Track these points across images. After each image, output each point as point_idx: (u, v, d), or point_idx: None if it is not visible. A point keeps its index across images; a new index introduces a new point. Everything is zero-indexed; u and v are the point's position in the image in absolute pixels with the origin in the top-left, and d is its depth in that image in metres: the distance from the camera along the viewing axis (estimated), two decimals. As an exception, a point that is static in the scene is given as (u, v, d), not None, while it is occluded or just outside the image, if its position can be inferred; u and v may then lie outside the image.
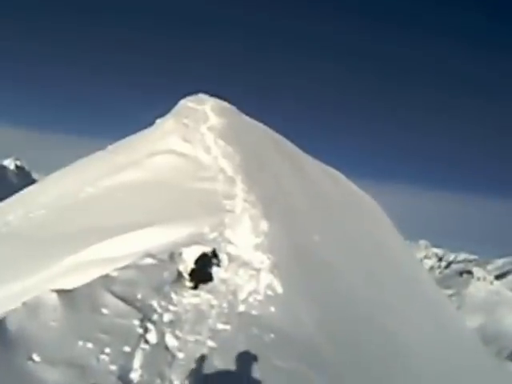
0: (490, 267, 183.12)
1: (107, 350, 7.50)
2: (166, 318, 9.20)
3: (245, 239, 13.42)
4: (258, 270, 12.05)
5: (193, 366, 7.95)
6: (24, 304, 7.87)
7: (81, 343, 7.45)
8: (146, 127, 25.67)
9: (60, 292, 8.31)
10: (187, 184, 17.56)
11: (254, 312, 10.30)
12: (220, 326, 9.42)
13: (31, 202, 21.21)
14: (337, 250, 18.60)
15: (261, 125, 28.80)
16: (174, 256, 11.61)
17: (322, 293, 13.59)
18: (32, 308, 7.80)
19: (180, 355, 8.17)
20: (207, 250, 12.04)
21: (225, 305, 10.34)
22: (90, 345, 7.47)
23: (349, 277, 17.07)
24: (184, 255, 11.89)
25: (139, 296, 9.34)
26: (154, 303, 9.42)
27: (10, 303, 8.61)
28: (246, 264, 12.27)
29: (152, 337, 8.37)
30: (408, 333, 16.95)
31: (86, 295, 8.60)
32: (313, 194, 23.95)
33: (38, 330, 7.42)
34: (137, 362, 7.60)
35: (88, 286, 8.94)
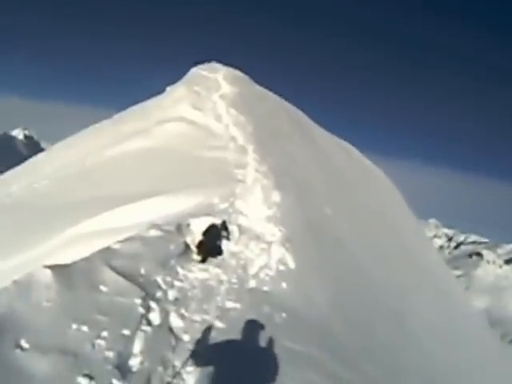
0: (500, 251, 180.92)
1: (104, 334, 6.56)
2: (171, 295, 8.24)
3: (256, 210, 12.58)
4: (270, 243, 11.19)
5: (199, 349, 6.98)
6: (14, 282, 6.92)
7: (75, 326, 6.52)
8: (155, 95, 24.42)
9: (55, 268, 7.36)
10: (197, 152, 16.65)
11: (265, 288, 9.43)
12: (229, 304, 8.49)
13: (35, 172, 20.31)
14: (349, 225, 17.94)
15: (273, 95, 27.65)
16: (181, 227, 10.70)
17: (334, 269, 12.88)
18: (23, 287, 6.85)
19: (185, 337, 7.21)
20: (217, 221, 11.10)
21: (234, 280, 9.44)
22: (85, 328, 6.54)
23: (360, 254, 16.43)
24: (192, 227, 10.97)
25: (142, 271, 8.40)
26: (159, 279, 8.48)
27: (2, 280, 7.69)
28: (257, 237, 11.41)
29: (155, 317, 7.42)
30: (418, 315, 16.47)
31: (83, 271, 7.65)
32: (326, 166, 23.12)
33: (29, 312, 6.49)
34: (137, 347, 6.66)
35: (86, 260, 8.00)
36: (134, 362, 6.40)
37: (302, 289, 10.05)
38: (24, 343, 6.00)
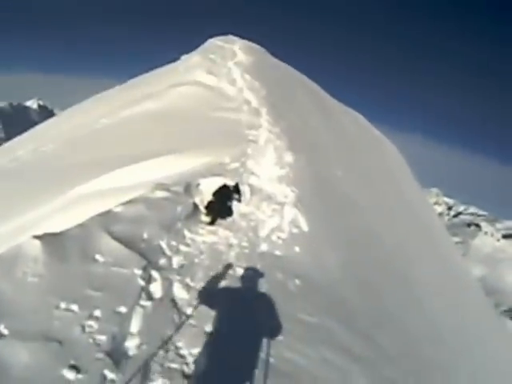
0: (499, 226, 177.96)
1: (97, 313, 5.12)
2: (176, 262, 6.79)
3: (268, 171, 11.32)
4: (282, 204, 9.94)
5: (205, 326, 5.57)
6: (-1, 257, 5.48)
7: (64, 306, 5.09)
8: (170, 63, 22.79)
9: (44, 237, 5.87)
10: (210, 114, 15.26)
11: (277, 252, 8.17)
12: (239, 271, 7.05)
13: (42, 136, 18.90)
14: (358, 187, 16.81)
15: (288, 66, 26.05)
16: (189, 188, 9.29)
17: (345, 231, 11.75)
18: (7, 262, 5.37)
19: (190, 312, 5.78)
20: (228, 182, 9.67)
21: (245, 243, 8.12)
22: (75, 307, 5.10)
23: (370, 214, 15.28)
24: (201, 187, 9.57)
25: (145, 235, 6.95)
26: (163, 244, 7.03)
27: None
28: (269, 197, 10.15)
29: (156, 289, 5.96)
30: (424, 279, 15.47)
31: (78, 239, 6.16)
32: (336, 131, 21.75)
33: (12, 293, 5.05)
34: (134, 327, 5.22)
35: (82, 226, 6.51)
36: (131, 345, 4.98)
37: (315, 252, 8.84)
38: (3, 329, 4.60)
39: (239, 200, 9.44)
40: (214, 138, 12.95)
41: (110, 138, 15.32)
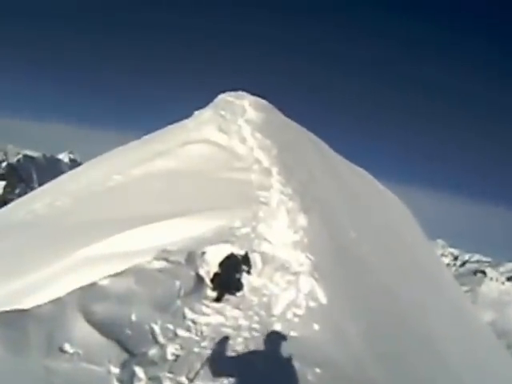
0: (502, 269, 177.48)
1: None
2: (170, 352, 5.31)
3: (281, 235, 10.06)
4: (297, 274, 8.64)
5: None
6: None
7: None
8: (184, 119, 21.68)
9: (4, 317, 4.41)
10: (220, 174, 14.15)
11: (293, 333, 6.83)
12: (248, 360, 5.56)
13: (59, 190, 17.74)
14: (372, 247, 15.47)
15: (297, 124, 24.97)
16: (193, 257, 7.97)
17: (364, 297, 10.55)
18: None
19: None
20: (237, 251, 8.26)
21: (256, 325, 6.83)
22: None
23: (385, 276, 14.01)
24: (207, 255, 8.15)
25: (133, 317, 5.52)
26: (156, 328, 5.60)
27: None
28: (283, 266, 8.87)
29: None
30: (444, 335, 14.27)
31: (46, 321, 4.81)
32: (345, 189, 20.58)
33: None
34: None
35: (55, 304, 5.14)
36: None
37: (335, 327, 7.68)
38: None
39: (249, 271, 8.04)
40: (225, 200, 11.82)
41: (122, 197, 14.27)
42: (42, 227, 13.83)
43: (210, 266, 7.80)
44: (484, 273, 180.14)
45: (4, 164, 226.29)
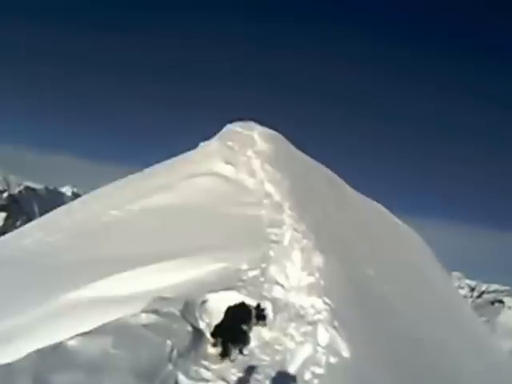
0: None
1: None
2: None
3: (295, 278, 8.99)
4: (315, 324, 7.50)
5: None
6: None
7: None
8: (188, 150, 20.41)
9: None
10: (227, 209, 13.06)
11: None
12: None
13: (52, 225, 16.55)
14: (391, 286, 14.30)
15: (307, 156, 23.74)
16: (191, 307, 6.71)
17: (389, 345, 9.50)
18: None
19: None
20: (244, 298, 7.12)
21: None
22: None
23: (408, 318, 13.01)
24: (209, 305, 6.95)
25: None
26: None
27: None
28: (298, 315, 7.77)
29: None
30: (471, 375, 13.43)
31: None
32: (359, 224, 19.34)
33: None
34: None
35: (3, 372, 3.87)
36: None
37: None
38: None
39: (259, 322, 6.89)
40: (231, 238, 10.73)
41: (118, 234, 13.17)
42: (30, 265, 12.68)
43: (212, 317, 6.63)
44: (502, 302, 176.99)
45: (5, 195, 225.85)
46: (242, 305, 6.83)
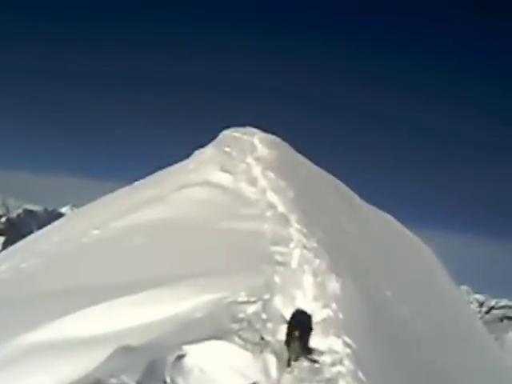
0: None
1: None
2: None
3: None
4: (335, 380, 5.57)
5: None
6: None
7: None
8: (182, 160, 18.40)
9: None
10: (222, 224, 11.06)
11: None
12: None
13: (30, 249, 14.45)
14: (410, 308, 13.02)
15: (311, 162, 21.76)
16: (159, 365, 4.72)
17: None
18: None
19: None
20: (237, 352, 5.24)
21: None
22: None
23: (430, 347, 11.70)
24: (186, 361, 5.02)
25: None
26: None
27: None
28: (312, 370, 5.75)
29: None
30: None
31: None
32: (372, 238, 17.62)
33: None
34: None
35: None
36: None
37: None
38: None
39: None
40: (227, 260, 8.91)
41: (95, 258, 11.16)
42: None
43: (189, 380, 4.72)
44: (511, 319, 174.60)
45: (3, 219, 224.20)
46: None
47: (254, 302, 6.77)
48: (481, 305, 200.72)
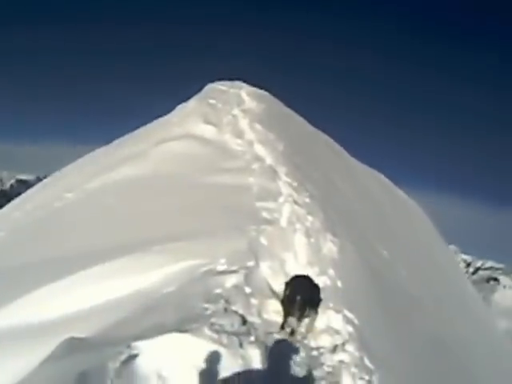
0: None
1: None
2: None
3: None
4: (336, 374, 4.20)
5: None
6: None
7: None
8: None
9: None
10: (203, 179, 9.39)
11: None
12: None
13: (2, 219, 12.62)
14: (407, 271, 11.78)
15: (299, 116, 19.97)
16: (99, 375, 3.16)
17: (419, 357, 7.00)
18: None
19: None
20: (207, 346, 3.61)
21: None
22: None
23: (430, 316, 10.40)
24: (138, 363, 3.40)
25: None
26: None
27: None
28: (309, 358, 4.39)
29: None
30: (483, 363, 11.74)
31: None
32: (364, 195, 16.20)
33: None
34: None
35: None
36: None
37: None
38: None
39: None
40: (206, 221, 7.23)
41: (63, 225, 9.50)
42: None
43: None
44: (497, 280, 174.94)
45: None
46: None
47: (234, 272, 5.27)
48: (468, 265, 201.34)
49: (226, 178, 9.18)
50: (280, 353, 4.03)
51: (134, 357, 3.44)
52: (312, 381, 3.90)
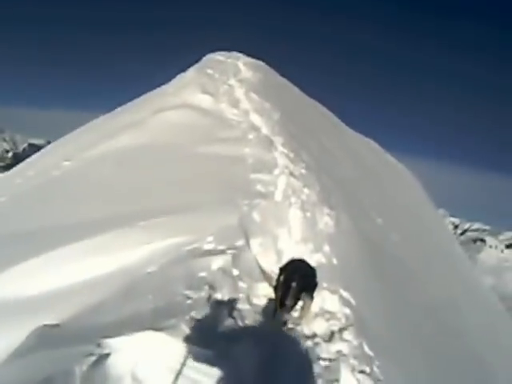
0: (501, 237, 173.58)
1: None
2: None
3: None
4: (335, 370, 3.48)
5: None
6: None
7: None
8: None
9: None
10: (198, 149, 8.68)
11: None
12: None
13: (2, 186, 11.94)
14: (401, 238, 11.13)
15: (295, 87, 19.47)
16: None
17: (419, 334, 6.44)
18: None
19: None
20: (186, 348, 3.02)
21: None
22: None
23: (429, 287, 10.01)
24: (111, 364, 2.80)
25: None
26: None
27: None
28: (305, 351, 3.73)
29: None
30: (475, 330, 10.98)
31: None
32: (358, 163, 15.48)
33: None
34: None
35: None
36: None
37: None
38: None
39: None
40: (197, 193, 6.56)
41: (58, 195, 8.71)
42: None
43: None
44: (483, 241, 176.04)
45: (11, 154, 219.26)
46: None
47: (222, 252, 4.62)
48: (456, 227, 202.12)
49: (222, 148, 8.49)
50: (272, 346, 3.46)
51: (105, 357, 2.87)
52: (309, 378, 3.36)
